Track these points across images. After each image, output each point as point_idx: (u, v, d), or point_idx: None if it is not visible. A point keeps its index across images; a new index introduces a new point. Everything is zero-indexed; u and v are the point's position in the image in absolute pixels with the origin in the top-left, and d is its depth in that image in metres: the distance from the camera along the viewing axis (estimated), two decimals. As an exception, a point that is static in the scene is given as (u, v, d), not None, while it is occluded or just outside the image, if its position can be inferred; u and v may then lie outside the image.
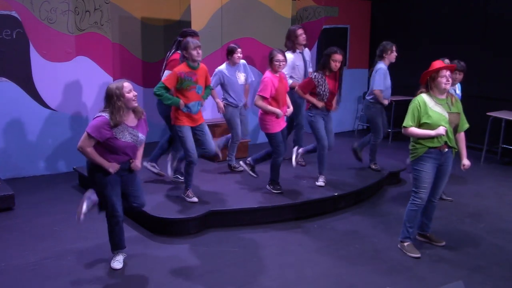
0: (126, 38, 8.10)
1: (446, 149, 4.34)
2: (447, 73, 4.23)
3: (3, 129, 6.37)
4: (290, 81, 6.33)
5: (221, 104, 6.15)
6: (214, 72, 6.19)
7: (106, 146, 3.86)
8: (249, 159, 5.85)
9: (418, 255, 4.46)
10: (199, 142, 5.23)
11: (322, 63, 5.64)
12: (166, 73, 5.57)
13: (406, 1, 9.30)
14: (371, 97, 6.34)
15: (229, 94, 6.19)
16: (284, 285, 4.00)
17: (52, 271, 4.11)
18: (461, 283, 3.49)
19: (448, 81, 4.24)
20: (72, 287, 3.91)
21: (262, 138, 6.68)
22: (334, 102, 5.83)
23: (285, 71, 6.28)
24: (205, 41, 7.01)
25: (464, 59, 5.85)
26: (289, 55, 6.32)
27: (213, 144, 5.33)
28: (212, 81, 6.06)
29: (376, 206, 5.83)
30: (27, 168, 6.61)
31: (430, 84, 4.30)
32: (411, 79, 6.09)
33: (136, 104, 3.90)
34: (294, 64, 6.50)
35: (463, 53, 7.93)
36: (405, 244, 4.56)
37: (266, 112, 5.34)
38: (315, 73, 5.67)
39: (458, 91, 5.97)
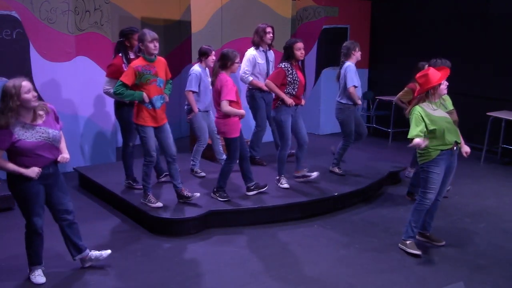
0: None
1: (455, 148, 4.39)
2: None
3: (3, 129, 6.37)
4: (250, 78, 6.28)
5: (196, 110, 5.93)
6: (192, 74, 5.94)
7: (16, 152, 3.59)
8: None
9: (419, 252, 4.47)
10: (160, 145, 5.06)
11: (286, 55, 5.51)
12: (106, 80, 5.41)
13: (406, 1, 9.29)
14: (341, 98, 6.09)
15: (199, 98, 5.98)
16: (284, 285, 4.00)
17: (52, 271, 4.11)
18: (461, 284, 3.49)
19: (446, 85, 4.34)
20: (72, 287, 3.91)
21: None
22: (302, 96, 5.70)
23: (246, 68, 6.26)
24: (205, 41, 7.01)
25: (464, 59, 5.86)
26: (251, 51, 6.29)
27: (174, 148, 5.06)
28: (192, 83, 5.90)
29: (376, 206, 5.82)
30: (27, 168, 6.60)
31: (430, 92, 4.32)
32: (410, 79, 6.09)
33: (36, 104, 3.61)
34: (256, 61, 6.34)
35: (463, 53, 7.94)
36: (407, 242, 4.56)
37: (229, 116, 5.11)
38: (283, 63, 5.52)
39: None
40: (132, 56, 5.32)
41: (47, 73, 6.52)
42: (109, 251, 4.19)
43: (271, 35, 6.38)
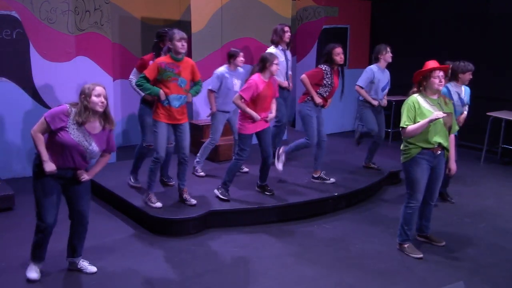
0: (126, 38, 8.09)
1: (439, 151, 4.32)
2: (440, 73, 4.22)
3: (3, 129, 6.37)
4: None
5: (214, 109, 6.09)
6: (215, 75, 6.11)
7: (55, 141, 3.68)
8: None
9: (421, 255, 4.46)
10: (176, 144, 5.11)
11: (325, 58, 5.76)
12: (133, 71, 5.62)
13: (406, 1, 9.30)
14: (359, 95, 6.39)
15: (219, 98, 6.08)
16: (284, 285, 4.00)
17: (52, 271, 4.11)
18: (461, 283, 3.49)
19: (441, 82, 4.23)
20: (72, 287, 3.91)
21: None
22: (329, 99, 5.91)
23: None
24: (205, 41, 7.02)
25: (464, 59, 5.84)
26: (272, 49, 6.40)
27: (188, 150, 5.09)
28: (212, 83, 6.06)
29: (376, 206, 5.83)
30: (27, 168, 6.59)
31: (422, 84, 4.28)
32: (410, 79, 6.07)
33: (100, 110, 3.70)
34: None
35: (463, 53, 7.93)
36: (405, 246, 4.55)
37: (245, 113, 5.21)
38: (323, 65, 5.76)
39: (465, 96, 5.74)
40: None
41: (47, 73, 6.52)
42: (95, 269, 4.10)
43: (289, 34, 6.57)
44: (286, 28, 6.53)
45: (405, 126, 4.25)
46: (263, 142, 5.37)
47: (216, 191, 5.37)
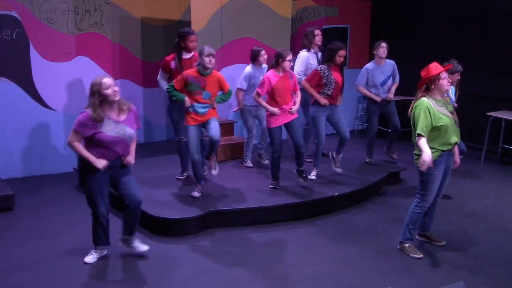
0: (126, 38, 8.09)
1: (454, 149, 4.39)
2: (446, 74, 4.27)
3: (3, 129, 6.37)
4: (303, 79, 6.41)
5: (241, 105, 6.45)
6: (244, 76, 6.36)
7: (94, 141, 3.91)
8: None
9: (421, 256, 4.46)
10: (208, 129, 5.32)
11: (327, 57, 5.85)
12: (159, 71, 5.88)
13: (406, 1, 9.30)
14: (361, 95, 6.67)
15: (248, 94, 6.36)
16: (284, 285, 4.00)
17: (52, 271, 4.11)
18: (462, 283, 3.49)
19: (449, 82, 4.29)
20: (72, 287, 3.91)
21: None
22: (341, 95, 6.06)
23: (299, 68, 6.50)
24: (205, 41, 6.99)
25: (464, 59, 5.87)
26: (304, 53, 6.56)
27: (218, 133, 5.24)
28: (240, 82, 6.37)
29: (376, 206, 5.83)
30: (27, 168, 6.61)
31: (431, 87, 4.29)
32: (411, 79, 6.08)
33: (116, 99, 3.90)
34: (308, 62, 6.59)
35: (463, 53, 7.93)
36: (406, 245, 4.55)
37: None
38: (320, 66, 5.91)
39: (452, 95, 6.01)
40: (185, 56, 5.67)
41: (47, 73, 6.52)
42: (146, 247, 4.39)
43: (320, 37, 6.67)
44: (317, 32, 6.65)
45: (421, 133, 4.15)
46: (292, 133, 5.57)
47: (270, 185, 5.73)
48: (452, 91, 6.00)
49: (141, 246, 4.38)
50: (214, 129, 5.21)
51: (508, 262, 4.45)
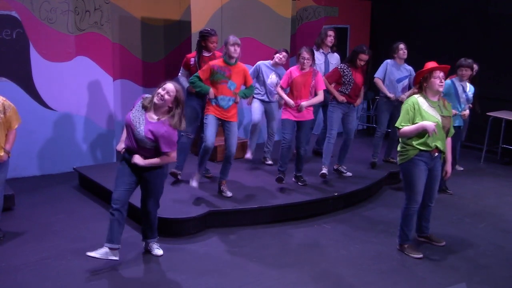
0: (126, 38, 8.08)
1: (436, 154, 4.31)
2: (441, 74, 4.20)
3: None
4: None
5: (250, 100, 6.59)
6: (254, 66, 6.56)
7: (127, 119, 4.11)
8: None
9: (421, 255, 4.46)
10: (225, 138, 5.35)
11: (349, 57, 6.11)
12: (181, 69, 5.96)
13: (406, 1, 9.29)
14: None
15: (257, 88, 6.51)
16: (284, 285, 4.00)
17: (52, 271, 4.11)
18: (464, 285, 3.49)
19: (442, 82, 4.21)
20: (72, 287, 3.91)
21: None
22: (360, 96, 6.16)
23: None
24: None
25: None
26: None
27: (233, 148, 5.28)
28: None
29: (376, 206, 5.83)
30: (27, 168, 6.61)
31: (423, 85, 4.27)
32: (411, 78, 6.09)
33: (156, 101, 3.98)
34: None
35: (463, 53, 7.92)
36: (405, 246, 4.55)
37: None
38: (341, 64, 6.17)
39: (469, 91, 5.98)
40: (206, 54, 5.70)
41: (47, 73, 6.52)
42: (160, 252, 4.44)
43: (332, 38, 6.76)
44: (330, 32, 6.75)
45: (400, 127, 4.26)
46: (299, 133, 5.73)
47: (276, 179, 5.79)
48: (471, 89, 6.00)
49: (156, 250, 4.45)
50: (232, 142, 5.27)
51: (508, 262, 4.45)
